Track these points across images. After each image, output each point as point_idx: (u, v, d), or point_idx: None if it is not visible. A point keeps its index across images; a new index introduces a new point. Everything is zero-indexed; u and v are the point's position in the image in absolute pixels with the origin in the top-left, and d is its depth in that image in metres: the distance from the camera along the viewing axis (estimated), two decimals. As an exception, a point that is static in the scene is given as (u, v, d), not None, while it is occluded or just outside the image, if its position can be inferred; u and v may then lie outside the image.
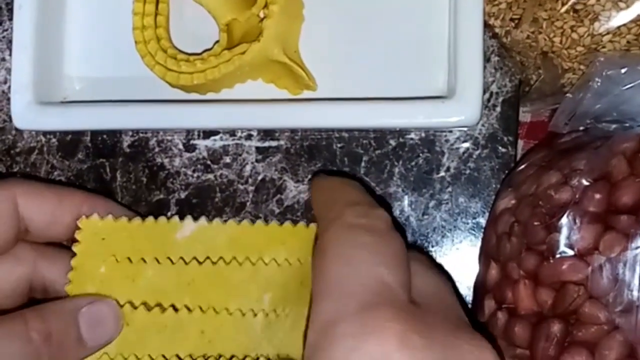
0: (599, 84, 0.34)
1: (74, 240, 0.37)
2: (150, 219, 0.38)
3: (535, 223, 0.34)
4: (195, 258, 0.36)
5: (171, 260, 0.37)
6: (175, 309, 0.36)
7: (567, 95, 0.35)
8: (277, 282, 0.35)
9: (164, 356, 0.35)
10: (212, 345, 0.35)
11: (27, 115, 0.42)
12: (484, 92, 0.40)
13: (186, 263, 0.36)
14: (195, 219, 0.38)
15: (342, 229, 0.30)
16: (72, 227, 0.37)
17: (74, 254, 0.37)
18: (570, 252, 0.33)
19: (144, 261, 0.37)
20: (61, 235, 0.38)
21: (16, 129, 0.45)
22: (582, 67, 0.35)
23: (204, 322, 0.35)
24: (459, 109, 0.38)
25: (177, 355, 0.35)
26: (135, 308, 0.36)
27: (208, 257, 0.36)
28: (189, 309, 0.36)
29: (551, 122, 0.36)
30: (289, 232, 0.36)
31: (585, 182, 0.34)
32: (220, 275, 0.36)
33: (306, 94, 0.42)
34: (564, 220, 0.33)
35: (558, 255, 0.33)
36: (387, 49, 0.42)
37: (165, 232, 0.37)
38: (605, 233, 0.32)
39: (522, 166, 0.38)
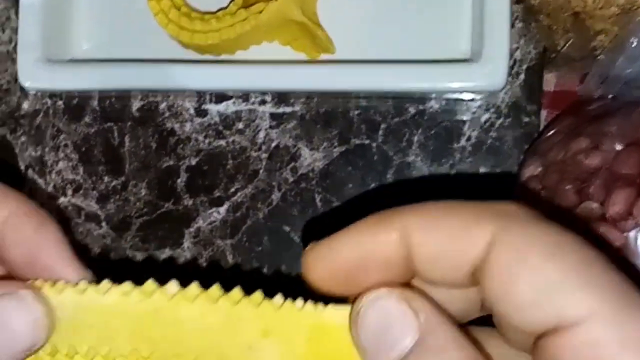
0: (634, 45, 0.33)
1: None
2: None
3: (567, 187, 0.32)
4: None
5: None
6: None
7: (600, 57, 0.34)
8: None
9: None
10: None
11: (34, 74, 0.40)
12: (508, 59, 0.39)
13: None
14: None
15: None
16: None
17: None
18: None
19: None
20: None
21: (21, 91, 0.44)
22: (615, 28, 0.34)
23: None
24: (485, 73, 0.37)
25: None
26: None
27: None
28: None
29: (582, 86, 0.35)
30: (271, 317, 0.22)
31: (617, 147, 0.33)
32: None
33: (324, 57, 0.40)
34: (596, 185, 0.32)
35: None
36: (407, 11, 0.40)
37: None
38: (639, 198, 0.31)
39: (549, 133, 0.37)
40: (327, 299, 0.22)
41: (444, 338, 0.20)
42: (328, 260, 0.21)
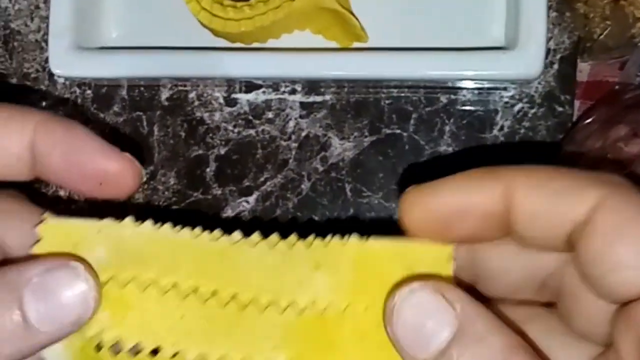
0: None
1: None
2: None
3: (608, 174, 0.32)
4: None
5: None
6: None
7: (640, 44, 0.34)
8: (294, 338, 0.22)
9: None
10: None
11: (66, 61, 0.40)
12: (542, 48, 0.39)
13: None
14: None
15: None
16: (24, 161, 0.23)
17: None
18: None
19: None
20: (6, 172, 0.24)
21: (49, 80, 0.43)
22: (655, 15, 0.34)
23: None
24: (521, 61, 0.37)
25: None
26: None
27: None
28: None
29: (622, 73, 0.34)
30: (321, 252, 0.23)
31: (658, 135, 0.32)
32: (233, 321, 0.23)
33: (356, 45, 0.40)
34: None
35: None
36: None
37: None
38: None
39: (586, 122, 0.36)
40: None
41: (484, 326, 0.20)
42: (428, 203, 0.21)
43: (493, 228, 0.21)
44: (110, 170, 0.23)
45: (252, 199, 0.42)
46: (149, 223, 0.23)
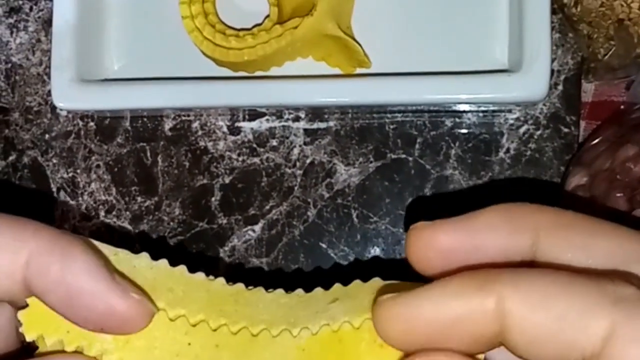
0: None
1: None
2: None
3: (618, 194, 0.32)
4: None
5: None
6: None
7: (645, 64, 0.34)
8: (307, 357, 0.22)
9: None
10: None
11: (68, 94, 0.40)
12: (546, 69, 0.39)
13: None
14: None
15: None
16: (18, 294, 0.21)
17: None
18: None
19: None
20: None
21: (52, 113, 0.43)
22: (660, 35, 0.34)
23: None
24: (527, 83, 0.36)
25: None
26: None
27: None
28: None
29: (628, 93, 0.34)
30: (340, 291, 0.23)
31: (667, 154, 0.32)
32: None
33: (359, 71, 0.40)
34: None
35: None
36: (443, 23, 0.40)
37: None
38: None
39: (593, 142, 0.36)
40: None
41: None
42: (406, 316, 0.19)
43: (484, 346, 0.18)
44: (114, 314, 0.21)
45: (258, 227, 0.42)
46: (164, 261, 0.23)
